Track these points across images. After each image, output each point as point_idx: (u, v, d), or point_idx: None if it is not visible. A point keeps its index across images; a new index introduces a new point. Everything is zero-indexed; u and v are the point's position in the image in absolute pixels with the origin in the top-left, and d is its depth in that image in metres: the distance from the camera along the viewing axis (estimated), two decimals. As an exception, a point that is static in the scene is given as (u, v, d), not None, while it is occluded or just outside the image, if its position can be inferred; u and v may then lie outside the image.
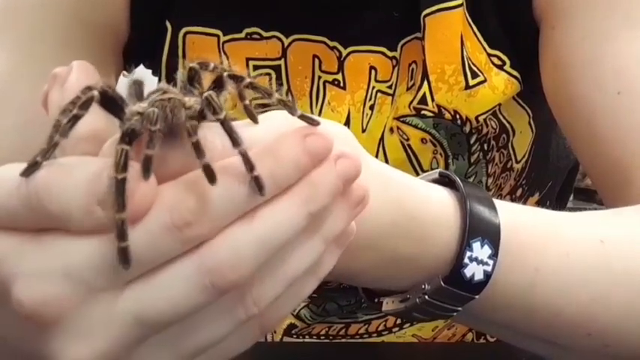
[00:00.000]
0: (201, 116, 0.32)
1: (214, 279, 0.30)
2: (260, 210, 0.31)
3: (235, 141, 0.31)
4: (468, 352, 0.76)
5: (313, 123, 0.33)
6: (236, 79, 0.34)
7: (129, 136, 0.31)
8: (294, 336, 0.80)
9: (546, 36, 0.64)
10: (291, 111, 0.33)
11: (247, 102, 0.34)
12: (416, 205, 0.42)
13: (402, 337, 0.79)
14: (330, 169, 0.33)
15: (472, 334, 0.81)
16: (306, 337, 0.80)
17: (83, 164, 0.31)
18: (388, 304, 0.47)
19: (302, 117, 0.33)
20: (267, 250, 0.31)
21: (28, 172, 0.31)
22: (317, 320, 0.79)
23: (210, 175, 0.30)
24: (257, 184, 0.31)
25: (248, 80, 0.33)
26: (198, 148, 0.30)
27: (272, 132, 0.33)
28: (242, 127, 0.33)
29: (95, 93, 0.32)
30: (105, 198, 0.30)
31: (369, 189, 0.35)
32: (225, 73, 0.34)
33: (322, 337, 0.80)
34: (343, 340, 0.80)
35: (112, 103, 0.33)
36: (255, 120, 0.34)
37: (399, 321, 0.79)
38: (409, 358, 0.72)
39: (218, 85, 0.34)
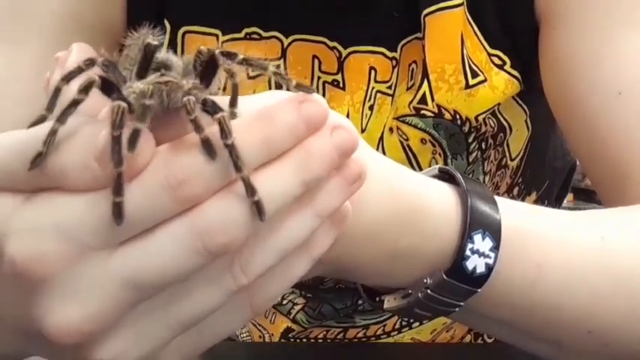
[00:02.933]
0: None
1: (205, 241, 0.30)
2: (254, 174, 0.31)
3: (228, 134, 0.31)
4: (467, 353, 0.77)
5: (309, 91, 0.33)
6: (229, 56, 0.34)
7: (126, 100, 0.31)
8: (292, 340, 0.80)
9: (547, 36, 0.64)
10: (287, 83, 0.33)
11: (237, 81, 0.34)
12: (417, 198, 0.42)
13: (401, 341, 0.79)
14: (325, 138, 0.33)
15: (470, 336, 0.81)
16: (304, 340, 0.80)
17: (81, 124, 0.32)
18: (390, 302, 0.47)
19: (298, 86, 0.33)
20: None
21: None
22: (314, 324, 0.79)
23: (209, 150, 0.30)
24: (257, 208, 0.31)
25: (241, 56, 0.33)
26: (197, 124, 0.30)
27: (270, 103, 0.33)
28: (241, 100, 0.33)
29: (96, 78, 0.32)
30: (102, 154, 0.30)
31: (366, 167, 0.35)
32: (217, 50, 0.34)
33: (320, 342, 0.80)
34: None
35: (109, 86, 0.33)
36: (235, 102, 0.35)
37: (397, 325, 0.78)
38: (408, 358, 0.72)
39: (212, 64, 0.34)
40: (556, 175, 0.83)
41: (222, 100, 0.32)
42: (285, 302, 0.78)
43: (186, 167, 0.30)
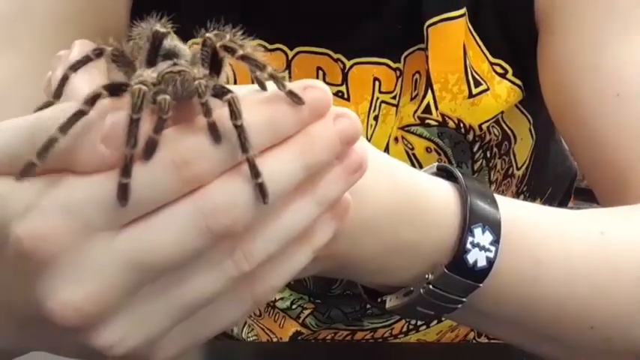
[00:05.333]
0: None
1: (209, 221, 0.31)
2: (257, 157, 0.32)
3: (238, 113, 0.31)
4: (469, 352, 0.77)
5: (299, 102, 0.33)
6: (229, 50, 0.34)
7: (145, 84, 0.31)
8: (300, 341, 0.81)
9: (545, 41, 0.65)
10: (282, 88, 0.33)
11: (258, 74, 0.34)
12: (417, 191, 0.43)
13: (407, 342, 0.80)
14: (328, 124, 0.34)
15: (474, 333, 0.82)
16: (312, 341, 0.81)
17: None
18: (392, 301, 0.47)
19: (290, 93, 0.33)
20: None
21: None
22: (322, 327, 0.80)
23: (215, 134, 0.31)
24: (261, 190, 0.31)
25: (240, 53, 0.34)
26: (206, 108, 0.31)
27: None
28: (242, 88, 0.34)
29: (103, 91, 0.31)
30: (110, 135, 0.30)
31: (367, 157, 0.35)
32: (219, 44, 0.34)
33: (328, 342, 0.80)
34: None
35: (117, 88, 0.33)
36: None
37: (404, 328, 0.79)
38: (411, 358, 0.73)
39: (216, 57, 0.34)
40: (558, 181, 0.84)
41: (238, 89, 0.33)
42: (294, 307, 0.79)
43: (191, 148, 0.31)
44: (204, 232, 0.31)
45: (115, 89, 0.32)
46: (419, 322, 0.79)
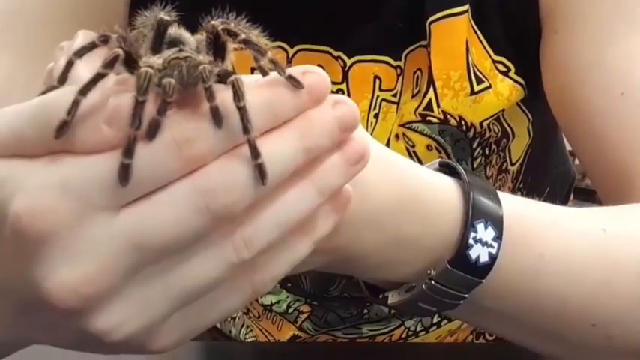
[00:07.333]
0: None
1: (208, 201, 0.31)
2: (257, 139, 0.32)
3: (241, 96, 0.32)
4: (470, 352, 0.77)
5: (299, 86, 0.34)
6: (231, 34, 0.34)
7: (152, 68, 0.31)
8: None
9: (549, 39, 0.65)
10: (282, 73, 0.34)
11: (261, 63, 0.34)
12: (419, 185, 0.43)
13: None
14: (327, 109, 0.34)
15: (472, 337, 0.82)
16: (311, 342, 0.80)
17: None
18: (394, 297, 0.47)
19: (290, 78, 0.34)
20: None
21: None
22: (320, 332, 0.79)
23: (217, 118, 0.31)
24: (260, 171, 0.32)
25: (243, 37, 0.34)
26: (210, 92, 0.31)
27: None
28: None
29: (121, 52, 0.32)
30: (113, 116, 0.31)
31: (369, 149, 0.35)
32: (221, 27, 0.34)
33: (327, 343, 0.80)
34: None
35: (130, 60, 0.33)
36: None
37: (404, 334, 0.79)
38: (411, 358, 0.72)
39: (217, 44, 0.35)
40: (557, 180, 0.84)
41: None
42: (290, 310, 0.78)
43: (193, 129, 0.31)
44: (204, 212, 0.31)
45: (129, 58, 0.33)
46: (418, 328, 0.79)
